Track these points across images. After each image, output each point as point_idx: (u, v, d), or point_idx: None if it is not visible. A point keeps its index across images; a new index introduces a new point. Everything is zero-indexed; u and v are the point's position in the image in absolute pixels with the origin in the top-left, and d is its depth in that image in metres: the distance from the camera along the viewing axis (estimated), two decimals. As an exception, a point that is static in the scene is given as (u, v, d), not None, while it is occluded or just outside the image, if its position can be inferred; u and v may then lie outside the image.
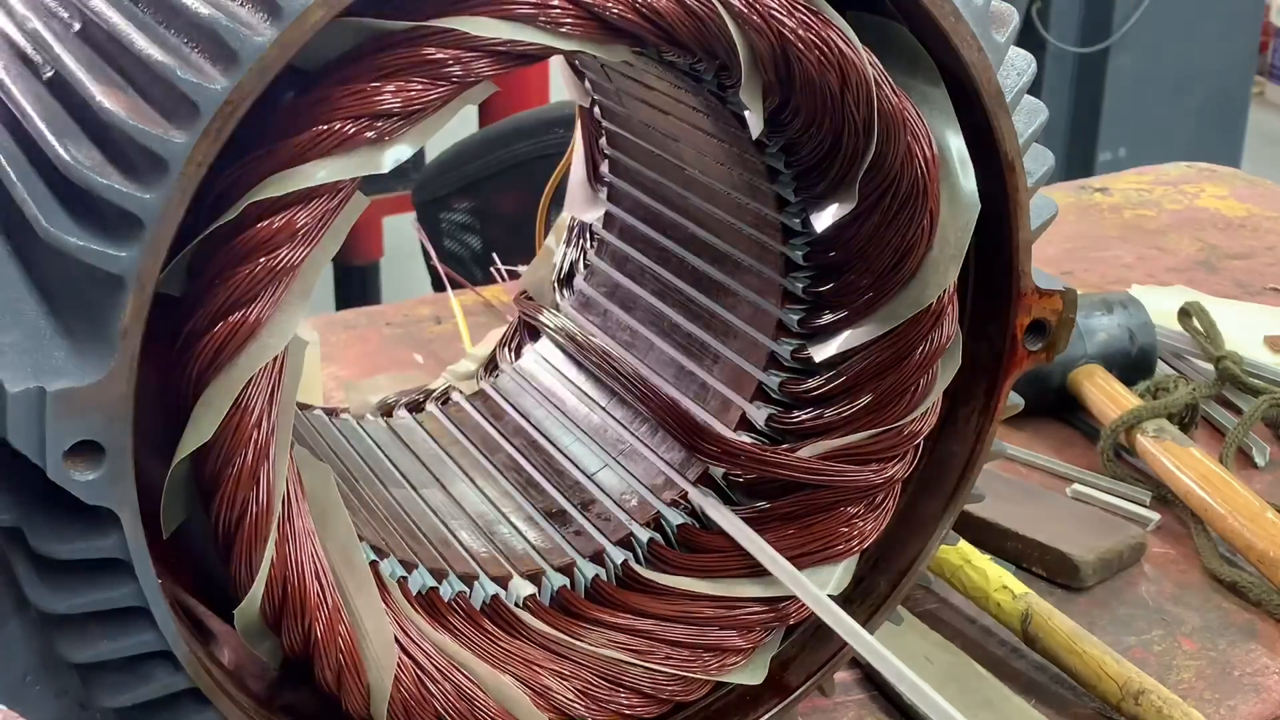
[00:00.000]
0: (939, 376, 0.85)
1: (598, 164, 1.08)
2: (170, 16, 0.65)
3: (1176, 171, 2.18)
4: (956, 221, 0.80)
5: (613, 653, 0.84)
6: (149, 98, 0.63)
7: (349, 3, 0.63)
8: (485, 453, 1.01)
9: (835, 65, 0.73)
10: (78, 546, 0.65)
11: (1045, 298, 0.87)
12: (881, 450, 0.85)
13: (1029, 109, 0.83)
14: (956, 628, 1.09)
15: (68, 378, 0.62)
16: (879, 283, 0.83)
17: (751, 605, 0.87)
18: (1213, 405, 1.41)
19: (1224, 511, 1.17)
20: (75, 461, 0.63)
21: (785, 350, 0.91)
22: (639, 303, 1.04)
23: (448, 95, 0.67)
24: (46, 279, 0.65)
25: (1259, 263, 1.82)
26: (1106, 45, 4.00)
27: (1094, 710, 1.01)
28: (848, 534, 0.87)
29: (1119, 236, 1.91)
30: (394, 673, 0.75)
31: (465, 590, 0.85)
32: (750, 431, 0.92)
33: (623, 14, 0.68)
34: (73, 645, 0.68)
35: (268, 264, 0.65)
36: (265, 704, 0.77)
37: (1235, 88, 4.32)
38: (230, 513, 0.69)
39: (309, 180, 0.65)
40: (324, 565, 0.72)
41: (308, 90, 0.67)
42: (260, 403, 0.67)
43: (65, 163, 0.61)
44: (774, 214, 0.89)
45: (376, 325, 1.58)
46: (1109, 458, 1.30)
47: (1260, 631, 1.10)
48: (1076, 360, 1.37)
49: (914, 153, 0.77)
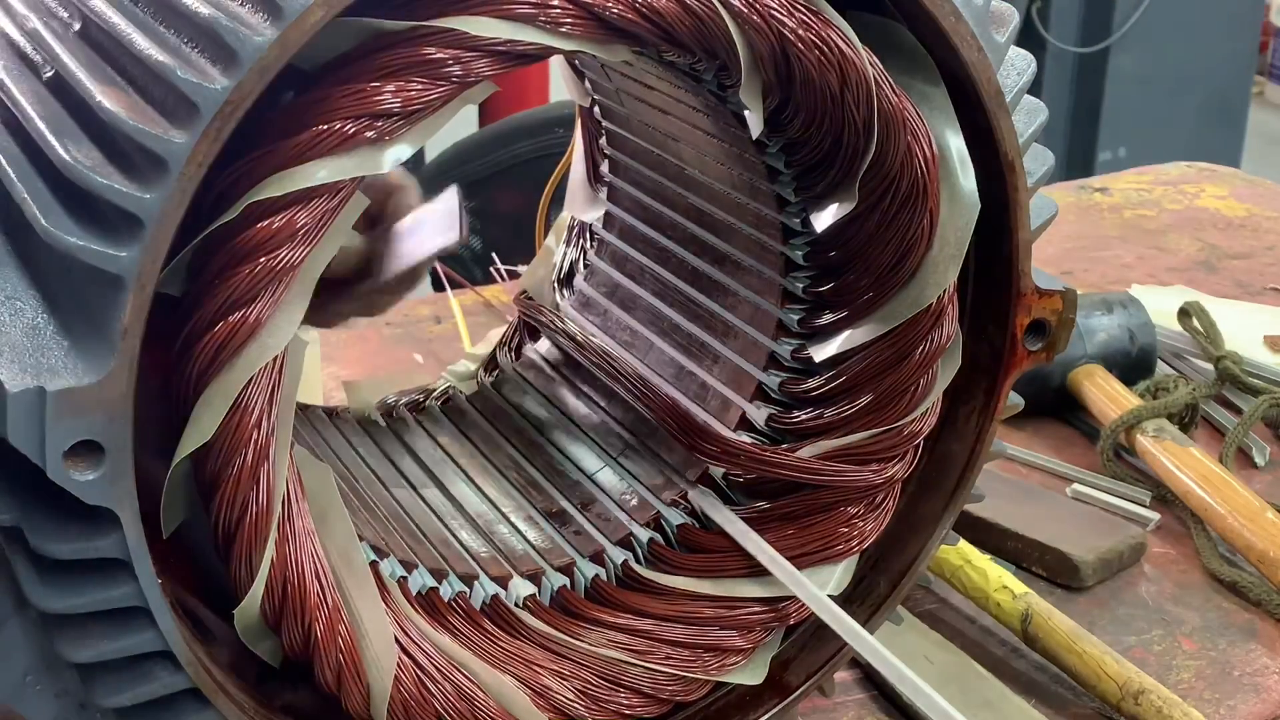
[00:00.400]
0: (939, 376, 0.85)
1: (598, 164, 1.08)
2: (170, 16, 0.65)
3: (1176, 171, 2.18)
4: (956, 221, 0.80)
5: (613, 653, 0.84)
6: (149, 98, 0.63)
7: (349, 3, 0.63)
8: (485, 453, 1.01)
9: (835, 65, 0.73)
10: (78, 546, 0.65)
11: (1045, 298, 0.87)
12: (881, 450, 0.85)
13: (1029, 109, 0.83)
14: (956, 628, 1.09)
15: (68, 378, 0.62)
16: (879, 283, 0.83)
17: (751, 605, 0.87)
18: (1213, 405, 1.41)
19: (1224, 511, 1.17)
20: (75, 461, 0.63)
21: (785, 350, 0.91)
22: (639, 303, 1.04)
23: (448, 95, 0.67)
24: (46, 279, 0.65)
25: (1259, 263, 1.82)
26: (1106, 45, 4.00)
27: (1094, 710, 1.01)
28: (848, 534, 0.87)
29: (1119, 236, 1.91)
30: (394, 673, 0.75)
31: (465, 590, 0.85)
32: (750, 431, 0.92)
33: (623, 14, 0.68)
34: (73, 645, 0.68)
35: (268, 264, 0.65)
36: (265, 704, 0.77)
37: (1235, 88, 4.32)
38: (230, 513, 0.69)
39: (309, 180, 0.65)
40: (324, 565, 0.72)
41: (308, 90, 0.67)
42: (260, 403, 0.67)
43: (65, 163, 0.61)
44: (774, 214, 0.89)
45: (376, 325, 1.58)
46: (1109, 458, 1.30)
47: (1260, 631, 1.10)
48: (1076, 360, 1.37)
49: (914, 153, 0.77)
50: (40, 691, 0.72)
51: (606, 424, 0.99)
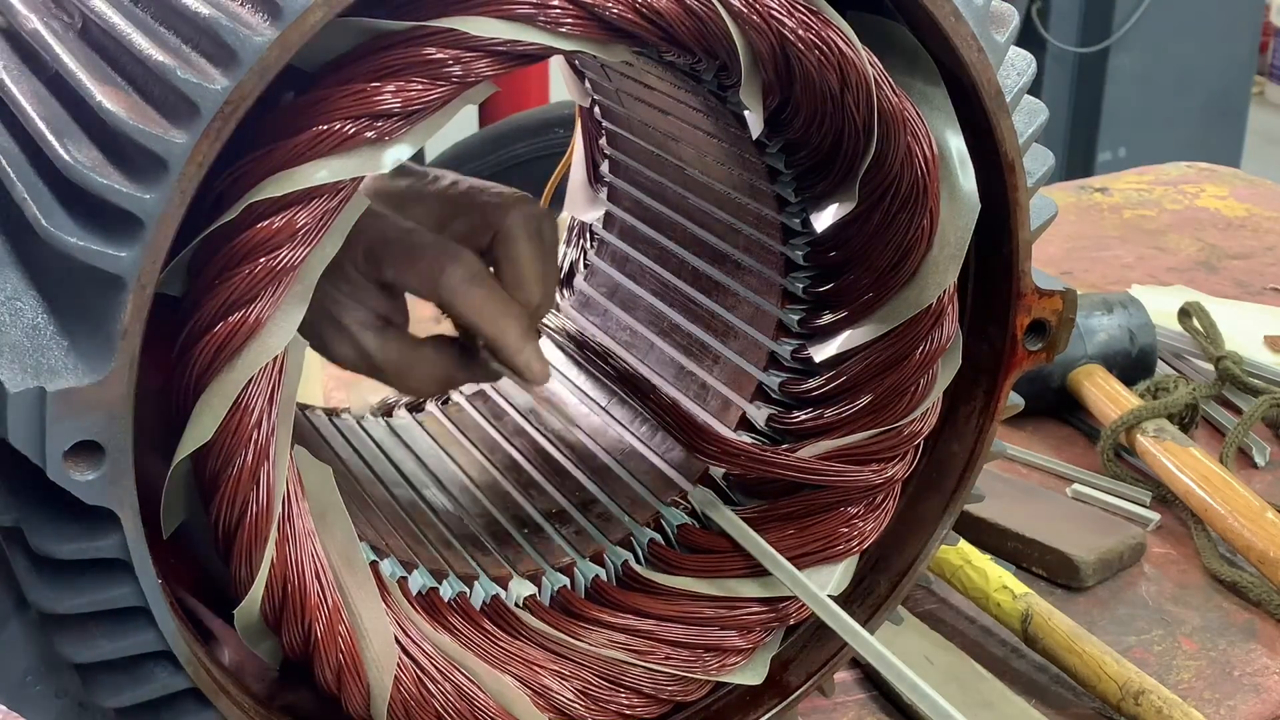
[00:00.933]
0: (939, 376, 0.85)
1: (598, 164, 1.08)
2: (170, 16, 0.65)
3: (1176, 171, 2.18)
4: (956, 221, 0.80)
5: (613, 653, 0.84)
6: (149, 98, 0.63)
7: (349, 3, 0.63)
8: (485, 453, 1.01)
9: (835, 65, 0.73)
10: (78, 546, 0.65)
11: (1045, 298, 0.87)
12: (881, 450, 0.85)
13: (1029, 109, 0.83)
14: (956, 628, 1.09)
15: (68, 378, 0.62)
16: (879, 283, 0.83)
17: (751, 605, 0.87)
18: (1213, 405, 1.41)
19: (1224, 511, 1.17)
20: (75, 461, 0.63)
21: (785, 350, 0.91)
22: (639, 303, 1.04)
23: (448, 95, 0.67)
24: (46, 279, 0.65)
25: (1259, 263, 1.82)
26: (1106, 45, 4.00)
27: (1094, 710, 1.01)
28: (848, 534, 0.87)
29: (1119, 236, 1.91)
30: (394, 673, 0.75)
31: (465, 590, 0.85)
32: (750, 431, 0.92)
33: (623, 14, 0.68)
34: (73, 645, 0.68)
35: (268, 264, 0.65)
36: (265, 704, 0.77)
37: (1235, 88, 4.32)
38: (230, 513, 0.69)
39: (309, 180, 0.65)
40: (324, 565, 0.72)
41: (308, 90, 0.67)
42: (260, 403, 0.67)
43: (65, 163, 0.61)
44: (774, 214, 0.89)
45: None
46: (1109, 458, 1.30)
47: (1260, 631, 1.11)
48: (1076, 360, 1.37)
49: (914, 153, 0.77)
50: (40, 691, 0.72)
51: (606, 424, 0.99)
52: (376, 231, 0.85)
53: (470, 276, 0.84)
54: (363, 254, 0.85)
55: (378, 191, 0.88)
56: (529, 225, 0.87)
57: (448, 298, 0.84)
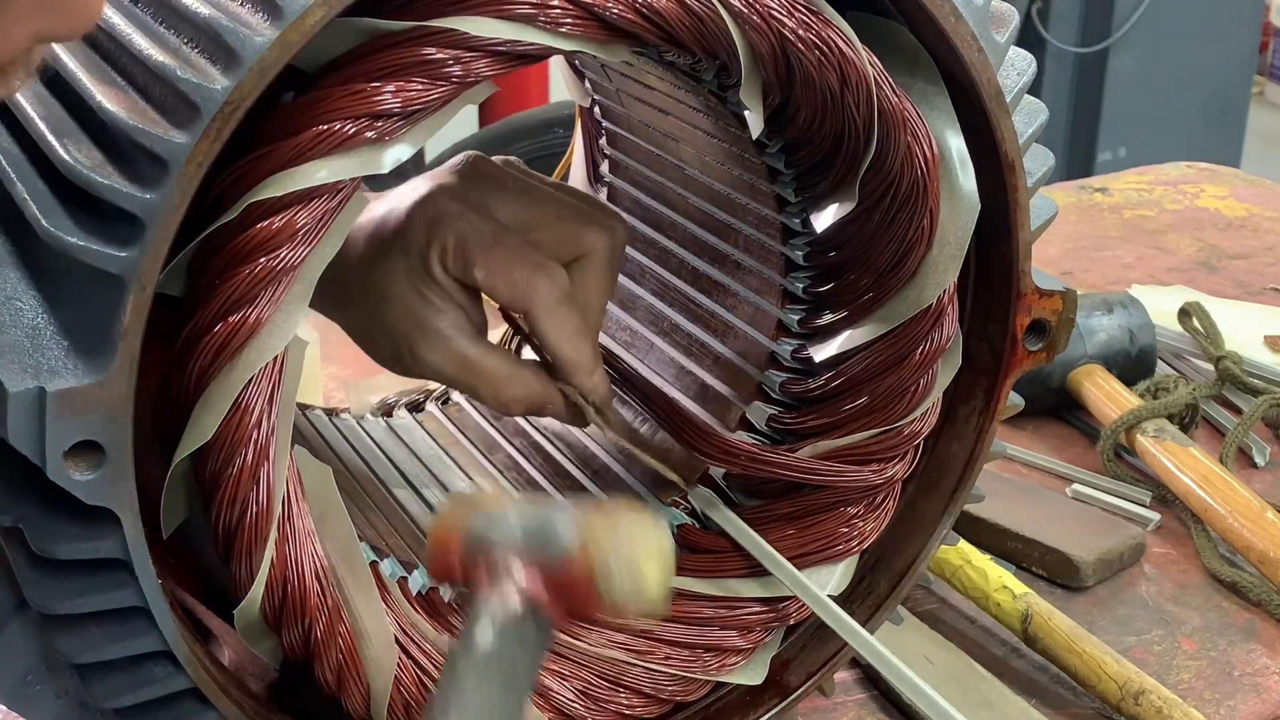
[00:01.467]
0: (939, 376, 0.85)
1: (598, 164, 1.08)
2: (170, 17, 0.65)
3: (1176, 171, 2.18)
4: (956, 221, 0.80)
5: (612, 653, 0.84)
6: (149, 98, 0.63)
7: (349, 3, 0.63)
8: (485, 453, 1.01)
9: (835, 65, 0.73)
10: (77, 546, 0.65)
11: (1045, 298, 0.87)
12: (881, 450, 0.85)
13: (1029, 109, 0.83)
14: (956, 628, 1.09)
15: (68, 378, 0.62)
16: (879, 283, 0.83)
17: (751, 605, 0.87)
18: (1213, 405, 1.41)
19: (1224, 511, 1.17)
20: (75, 461, 0.63)
21: (785, 350, 0.91)
22: (639, 303, 1.04)
23: (448, 95, 0.67)
24: (46, 279, 0.65)
25: (1259, 263, 1.82)
26: (1106, 45, 4.00)
27: (1094, 710, 1.01)
28: (848, 534, 0.87)
29: (1119, 236, 1.91)
30: (394, 673, 0.75)
31: (465, 590, 0.84)
32: (750, 431, 0.92)
33: (623, 14, 0.68)
34: (73, 645, 0.68)
35: (268, 264, 0.65)
36: (265, 704, 0.77)
37: (1235, 88, 4.32)
38: (230, 513, 0.69)
39: (309, 180, 0.65)
40: (324, 565, 0.72)
41: (308, 90, 0.67)
42: (260, 403, 0.67)
43: (65, 163, 0.61)
44: (774, 214, 0.89)
45: (376, 325, 1.57)
46: (1109, 458, 1.30)
47: (1260, 631, 1.10)
48: (1076, 360, 1.37)
49: (914, 153, 0.77)
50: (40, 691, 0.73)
51: (606, 424, 0.99)
52: (465, 229, 0.80)
53: (562, 295, 0.81)
54: (452, 253, 0.80)
55: (455, 187, 0.83)
56: (613, 255, 0.86)
57: (536, 311, 0.81)
